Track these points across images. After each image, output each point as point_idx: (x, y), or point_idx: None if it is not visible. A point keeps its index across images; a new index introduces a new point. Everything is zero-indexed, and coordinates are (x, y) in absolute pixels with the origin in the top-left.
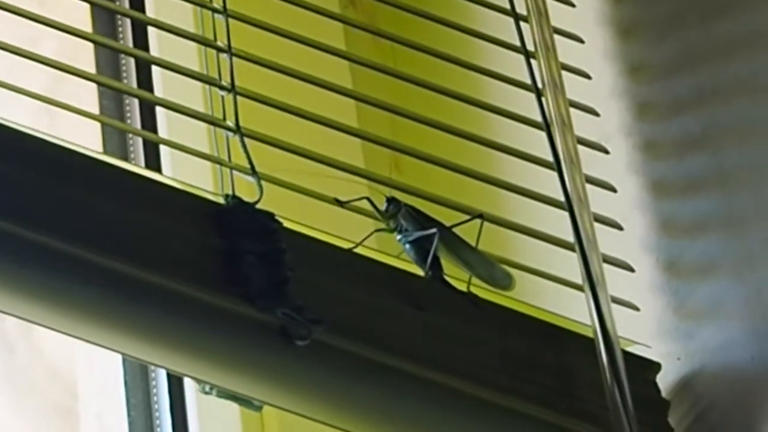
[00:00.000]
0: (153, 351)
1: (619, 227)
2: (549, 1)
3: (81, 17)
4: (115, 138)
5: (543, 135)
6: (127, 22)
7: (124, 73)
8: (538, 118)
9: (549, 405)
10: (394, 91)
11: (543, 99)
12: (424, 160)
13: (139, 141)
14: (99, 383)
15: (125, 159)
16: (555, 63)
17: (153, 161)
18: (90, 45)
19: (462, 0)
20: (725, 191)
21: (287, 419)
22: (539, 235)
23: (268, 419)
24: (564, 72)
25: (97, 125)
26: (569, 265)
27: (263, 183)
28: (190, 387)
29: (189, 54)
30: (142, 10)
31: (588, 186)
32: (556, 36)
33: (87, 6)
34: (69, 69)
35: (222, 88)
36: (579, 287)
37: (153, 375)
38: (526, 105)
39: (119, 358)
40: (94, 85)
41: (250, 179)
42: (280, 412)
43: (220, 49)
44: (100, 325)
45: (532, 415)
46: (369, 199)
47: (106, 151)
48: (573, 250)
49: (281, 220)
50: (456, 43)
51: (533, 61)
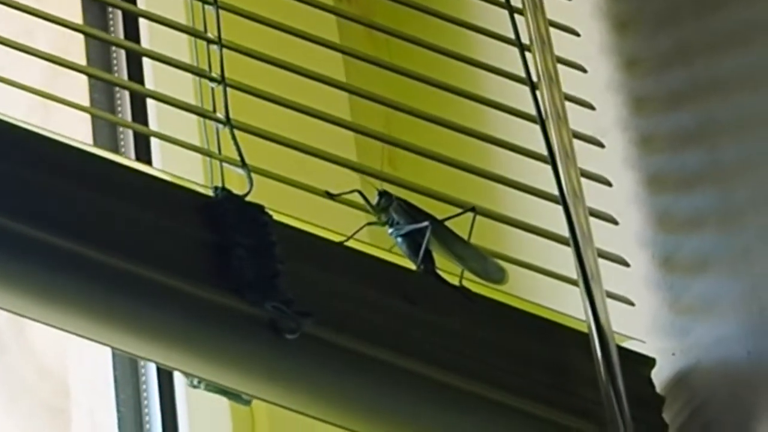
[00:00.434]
0: (141, 344)
1: (615, 222)
2: None
3: (72, 10)
4: (106, 131)
5: (538, 129)
6: (118, 14)
7: (114, 66)
8: (533, 111)
9: (542, 400)
10: (387, 85)
11: (538, 92)
12: (417, 153)
13: (130, 133)
14: (90, 380)
15: (115, 151)
16: (550, 56)
17: (143, 154)
18: (81, 38)
19: None
20: (721, 186)
21: (277, 413)
22: (533, 230)
23: (258, 413)
24: (559, 65)
25: (88, 119)
26: (564, 260)
27: (253, 176)
28: (179, 382)
29: (179, 46)
30: (133, 1)
31: (583, 180)
32: (551, 29)
33: None
34: (59, 61)
35: (212, 79)
36: (573, 282)
37: (142, 370)
38: (521, 98)
39: (109, 354)
40: (85, 79)
41: (240, 172)
42: (270, 406)
43: (210, 41)
44: (88, 318)
45: (525, 411)
46: (360, 192)
47: (96, 144)
48: (567, 244)
49: (271, 213)
50: (451, 36)
51: (528, 54)
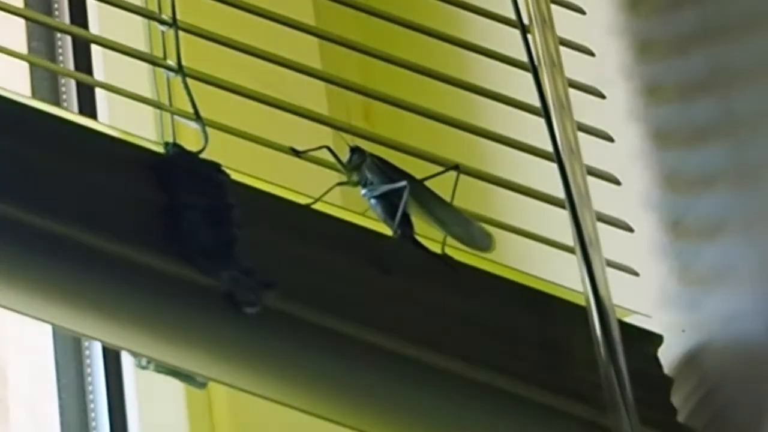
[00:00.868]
0: (81, 319)
1: (617, 182)
2: None
3: None
4: (46, 82)
5: (530, 77)
6: None
7: (56, 11)
8: (524, 58)
9: (535, 382)
10: (363, 29)
11: (530, 36)
12: (394, 105)
13: (73, 84)
14: (28, 364)
15: (56, 104)
16: None
17: (88, 107)
18: None
19: None
20: (736, 140)
21: (238, 398)
22: (524, 190)
23: (216, 397)
24: (554, 6)
25: (26, 68)
26: (559, 225)
27: (210, 131)
28: (128, 364)
29: None
30: None
31: (581, 135)
32: None
33: None
34: None
35: (162, 22)
36: (570, 249)
37: (87, 352)
38: (511, 43)
39: (50, 335)
40: (21, 26)
41: (194, 125)
42: (229, 389)
43: None
44: (20, 289)
45: (515, 394)
46: (329, 149)
47: (35, 96)
48: (563, 207)
49: (229, 172)
50: None
51: None
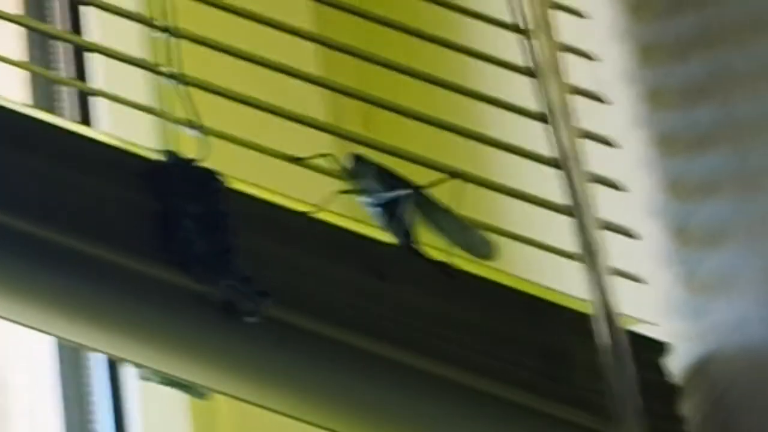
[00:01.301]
0: (79, 329)
1: (621, 188)
2: None
3: None
4: (43, 89)
5: (531, 83)
6: None
7: (55, 19)
8: (526, 63)
9: (540, 391)
10: (363, 35)
11: (531, 42)
12: (395, 112)
13: (71, 92)
14: (31, 376)
15: (52, 112)
16: (545, 0)
17: (84, 115)
18: None
19: None
20: (739, 146)
21: (241, 408)
22: (528, 198)
23: (219, 408)
24: (556, 11)
25: (26, 77)
26: (563, 232)
27: (210, 139)
28: (130, 375)
29: None
30: None
31: (584, 141)
32: None
33: None
34: None
35: (162, 30)
36: (575, 257)
37: (89, 363)
38: (513, 49)
39: (53, 346)
40: (19, 33)
41: (194, 134)
42: (233, 399)
43: None
44: (17, 299)
45: (519, 403)
46: (331, 156)
47: (33, 104)
48: (568, 214)
49: (225, 179)
50: None
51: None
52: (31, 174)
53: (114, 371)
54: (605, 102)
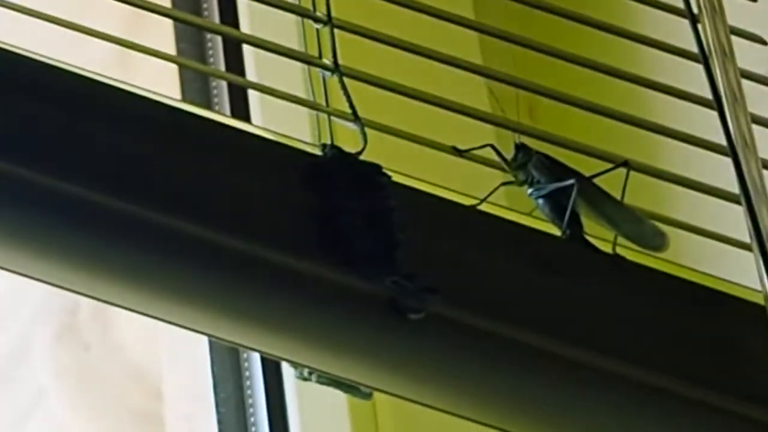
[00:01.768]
0: (239, 329)
1: None
2: None
3: None
4: (196, 84)
5: (700, 69)
6: None
7: (205, 11)
8: (694, 48)
9: (712, 385)
10: (524, 23)
11: (699, 26)
12: (559, 100)
13: (224, 86)
14: (185, 379)
15: (208, 107)
16: None
17: (240, 109)
18: None
19: None
20: None
21: (403, 407)
22: (697, 186)
23: (380, 408)
24: None
25: (175, 75)
26: (735, 221)
27: (368, 131)
28: (288, 375)
29: None
30: None
31: (755, 127)
32: None
33: None
34: (143, 4)
35: (317, 20)
36: (746, 246)
37: (245, 364)
38: (680, 34)
39: (206, 348)
40: (169, 30)
41: (352, 126)
42: (395, 399)
43: None
44: (177, 300)
45: (691, 398)
46: (494, 147)
47: (185, 99)
48: (739, 202)
49: (389, 173)
50: None
51: None
52: (186, 170)
53: (271, 373)
54: None
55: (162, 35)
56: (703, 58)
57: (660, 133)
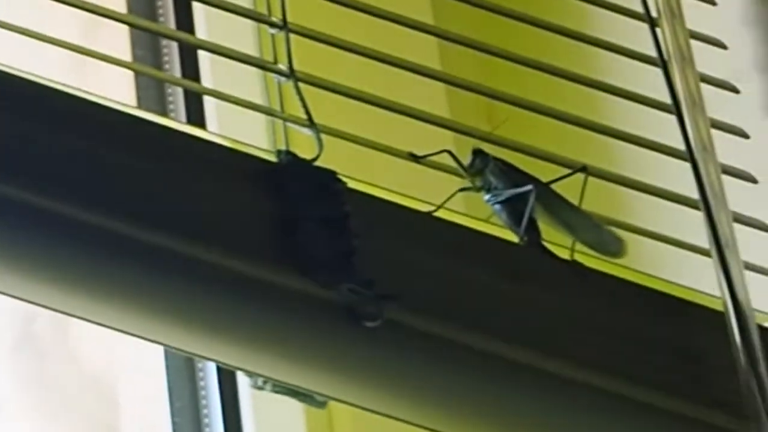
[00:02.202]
0: (194, 338)
1: (753, 180)
2: None
3: None
4: (152, 91)
5: (659, 73)
6: None
7: (160, 16)
8: (653, 53)
9: (672, 391)
10: (483, 27)
11: (659, 30)
12: (518, 106)
13: (180, 93)
14: (141, 388)
15: (163, 114)
16: None
17: (196, 116)
18: None
19: None
20: None
21: (360, 415)
22: (656, 192)
23: (337, 417)
24: None
25: (131, 80)
26: (694, 227)
27: (324, 136)
28: (243, 384)
29: None
30: None
31: (714, 132)
32: None
33: None
34: (98, 10)
35: (273, 25)
36: (705, 252)
37: (200, 374)
38: (638, 38)
39: (162, 357)
40: (126, 33)
41: (307, 132)
42: (351, 408)
43: None
44: (131, 309)
45: (649, 403)
46: (450, 152)
47: (140, 106)
48: (698, 208)
49: (345, 179)
50: None
51: None
52: (142, 178)
53: (227, 382)
54: (737, 91)
55: (118, 42)
56: (662, 62)
57: (618, 138)
